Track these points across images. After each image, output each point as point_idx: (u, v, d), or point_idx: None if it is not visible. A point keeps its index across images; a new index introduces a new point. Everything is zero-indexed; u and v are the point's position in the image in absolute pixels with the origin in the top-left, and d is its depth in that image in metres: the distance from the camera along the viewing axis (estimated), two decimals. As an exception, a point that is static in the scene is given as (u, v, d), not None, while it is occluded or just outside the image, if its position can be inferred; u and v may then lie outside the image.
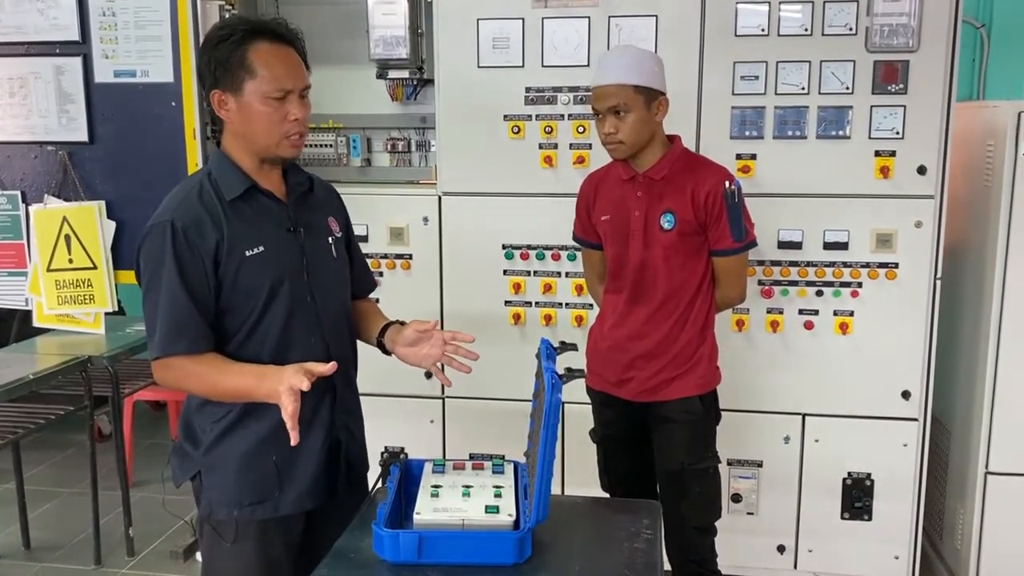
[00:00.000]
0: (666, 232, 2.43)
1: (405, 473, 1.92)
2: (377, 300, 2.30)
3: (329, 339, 1.98)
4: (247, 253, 1.86)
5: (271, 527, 1.96)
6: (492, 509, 1.77)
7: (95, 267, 3.49)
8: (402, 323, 2.10)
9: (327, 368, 1.80)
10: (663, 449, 2.51)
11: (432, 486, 1.86)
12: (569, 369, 1.83)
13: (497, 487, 1.86)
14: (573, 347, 2.05)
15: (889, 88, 2.82)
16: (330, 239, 2.03)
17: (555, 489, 3.09)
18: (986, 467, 2.98)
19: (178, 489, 2.11)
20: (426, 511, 1.77)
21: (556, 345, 1.99)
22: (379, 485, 1.91)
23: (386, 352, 2.10)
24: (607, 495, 2.67)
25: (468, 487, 1.86)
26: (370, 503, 1.92)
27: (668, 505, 2.39)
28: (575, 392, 2.70)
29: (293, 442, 1.73)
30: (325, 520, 2.01)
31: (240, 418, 1.91)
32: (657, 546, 1.85)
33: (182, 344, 1.83)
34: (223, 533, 1.95)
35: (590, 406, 2.68)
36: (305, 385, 1.72)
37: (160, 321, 1.83)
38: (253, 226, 1.89)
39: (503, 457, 2.07)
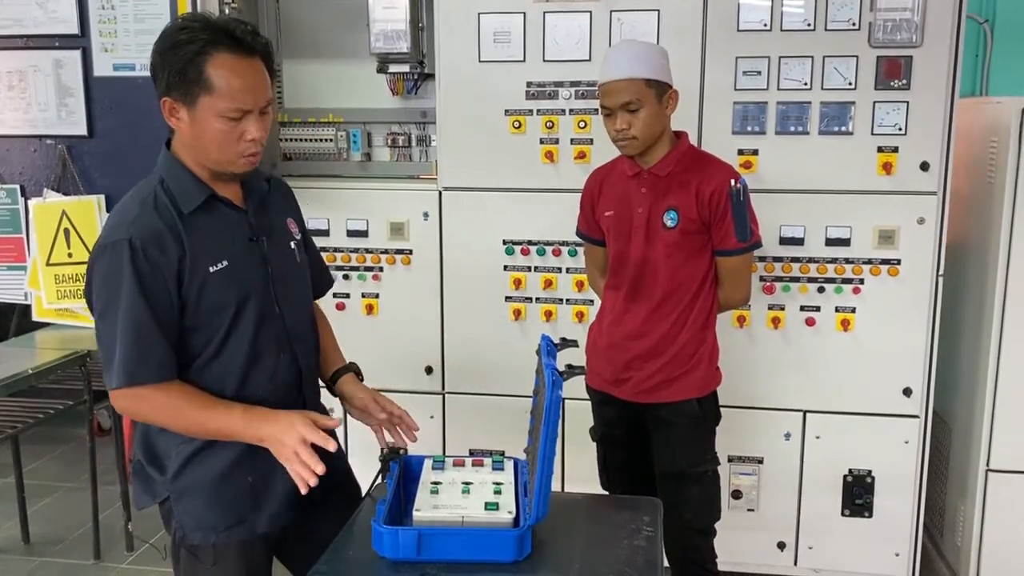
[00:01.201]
0: (669, 230, 2.41)
1: (405, 470, 1.91)
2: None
3: (298, 350, 1.90)
4: (211, 269, 1.74)
5: (251, 544, 1.88)
6: (492, 506, 1.76)
7: (94, 261, 3.48)
8: (357, 371, 2.06)
9: (334, 422, 1.80)
10: (662, 452, 2.49)
11: (432, 483, 1.86)
12: (570, 366, 1.82)
13: (497, 484, 1.85)
14: (574, 343, 2.04)
15: (892, 84, 2.81)
16: (292, 243, 1.93)
17: (555, 486, 3.10)
18: (987, 464, 2.96)
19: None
20: (425, 508, 1.76)
21: (556, 341, 1.98)
22: (378, 481, 1.90)
23: (331, 391, 2.05)
24: (606, 493, 2.66)
25: (468, 484, 1.85)
26: (369, 500, 1.91)
27: (667, 507, 2.37)
28: (576, 389, 2.70)
29: (304, 491, 1.71)
30: (311, 520, 1.95)
31: (205, 445, 1.81)
32: (658, 543, 1.84)
33: (149, 371, 1.70)
34: (201, 557, 1.84)
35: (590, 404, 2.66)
36: (330, 445, 1.72)
37: (121, 346, 1.69)
38: (214, 239, 1.76)
39: (503, 453, 2.06)
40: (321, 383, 2.05)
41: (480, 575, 1.68)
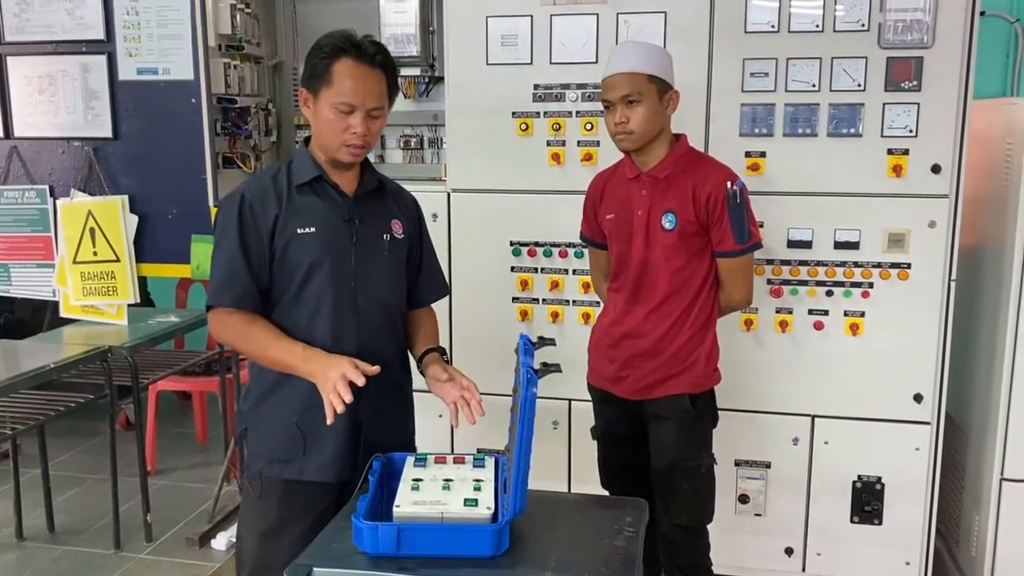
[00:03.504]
0: (667, 232, 2.42)
1: (388, 467, 1.94)
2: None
3: (362, 326, 2.10)
4: (298, 231, 2.04)
5: (297, 491, 2.09)
6: (471, 502, 1.78)
7: (118, 260, 3.59)
8: (443, 351, 2.23)
9: (374, 369, 1.93)
10: (655, 446, 2.50)
11: (413, 479, 1.88)
12: (545, 364, 1.84)
13: (477, 480, 1.87)
14: (551, 342, 2.06)
15: (902, 85, 2.77)
16: (385, 236, 2.15)
17: (561, 486, 3.12)
18: (1002, 473, 2.91)
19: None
20: (406, 504, 1.79)
21: (535, 340, 2.00)
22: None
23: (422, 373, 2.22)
24: (607, 492, 2.66)
25: (448, 480, 1.87)
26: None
27: (658, 503, 2.38)
28: (580, 389, 2.72)
29: (330, 419, 1.88)
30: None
31: (277, 384, 2.08)
32: (638, 544, 1.84)
33: (228, 297, 2.04)
34: (253, 487, 2.14)
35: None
36: (360, 380, 1.88)
37: (215, 273, 2.06)
38: (311, 209, 2.07)
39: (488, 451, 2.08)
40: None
41: (458, 570, 1.69)
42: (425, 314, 2.32)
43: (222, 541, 3.54)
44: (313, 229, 2.05)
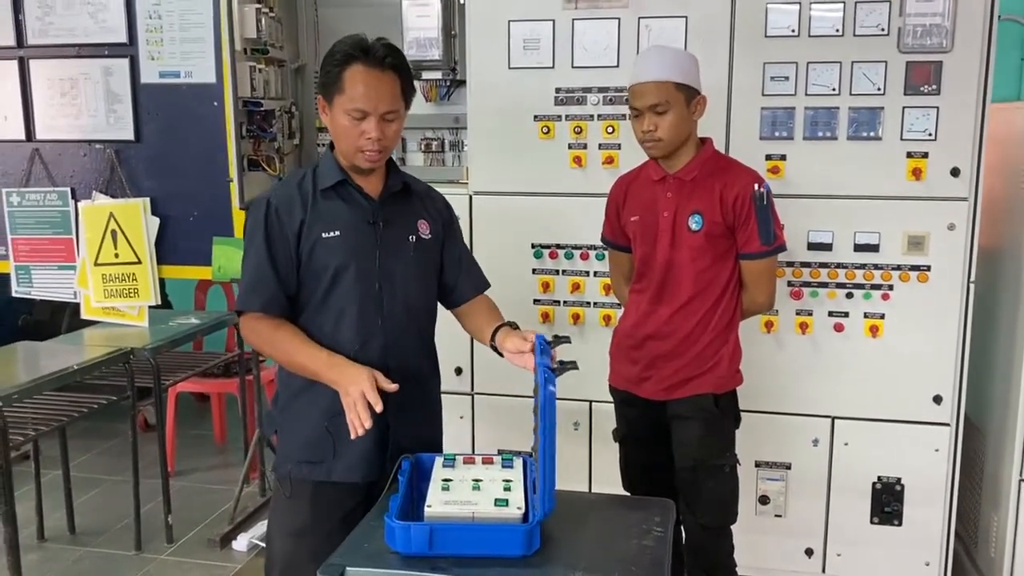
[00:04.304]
0: (694, 233, 2.44)
1: (416, 467, 1.96)
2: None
3: (388, 328, 2.12)
4: (323, 235, 2.07)
5: (325, 491, 2.12)
6: (501, 502, 1.80)
7: (140, 262, 3.62)
8: (514, 325, 2.18)
9: (392, 387, 1.96)
10: (679, 446, 2.52)
11: (443, 479, 1.90)
12: (562, 362, 1.86)
13: (507, 481, 1.89)
14: (567, 339, 2.08)
15: (922, 89, 2.79)
16: (411, 237, 2.16)
17: (582, 487, 3.13)
18: (1020, 474, 2.92)
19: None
20: (437, 504, 1.81)
21: (550, 339, 2.02)
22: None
23: (499, 354, 2.17)
24: (629, 494, 2.68)
25: (478, 481, 1.89)
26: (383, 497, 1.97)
27: (682, 504, 2.39)
28: (601, 391, 2.74)
29: (353, 435, 1.91)
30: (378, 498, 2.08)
31: (305, 387, 2.11)
32: (666, 544, 1.86)
33: (257, 302, 2.07)
34: (283, 486, 2.17)
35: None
36: (378, 405, 1.90)
37: (245, 280, 2.10)
38: (336, 213, 2.09)
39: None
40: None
41: (490, 569, 1.71)
42: (477, 301, 2.31)
43: (243, 542, 3.57)
44: (337, 233, 2.07)
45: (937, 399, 2.93)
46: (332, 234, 2.07)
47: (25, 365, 3.47)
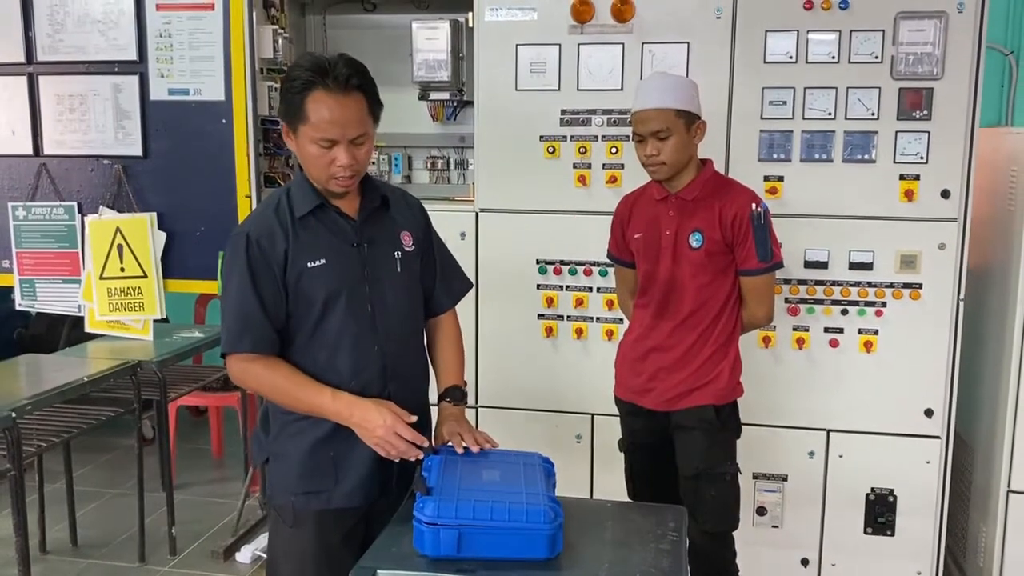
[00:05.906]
0: (694, 250, 2.54)
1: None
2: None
3: (386, 349, 2.08)
4: (309, 265, 2.00)
5: (328, 517, 2.09)
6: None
7: (145, 276, 3.65)
8: (463, 394, 2.23)
9: (411, 419, 1.98)
10: (682, 456, 2.60)
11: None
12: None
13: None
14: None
15: (914, 114, 2.91)
16: (397, 253, 2.11)
17: (583, 494, 3.20)
18: (1008, 486, 3.03)
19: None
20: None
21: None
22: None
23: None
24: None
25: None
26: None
27: (687, 512, 2.46)
28: (605, 403, 2.82)
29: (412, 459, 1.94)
30: (382, 515, 2.08)
31: (305, 416, 2.06)
32: (682, 548, 1.93)
33: (246, 342, 1.99)
34: (283, 516, 2.10)
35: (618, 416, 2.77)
36: (408, 434, 1.94)
37: (227, 319, 2.01)
38: (318, 240, 2.02)
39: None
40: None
41: (516, 572, 1.77)
42: (447, 328, 2.28)
43: (247, 554, 3.60)
44: (323, 261, 2.01)
45: (928, 412, 3.03)
46: (318, 263, 2.00)
47: (27, 378, 3.49)
